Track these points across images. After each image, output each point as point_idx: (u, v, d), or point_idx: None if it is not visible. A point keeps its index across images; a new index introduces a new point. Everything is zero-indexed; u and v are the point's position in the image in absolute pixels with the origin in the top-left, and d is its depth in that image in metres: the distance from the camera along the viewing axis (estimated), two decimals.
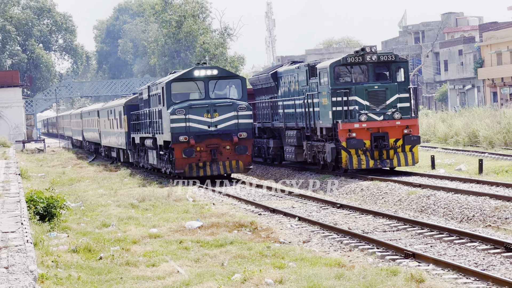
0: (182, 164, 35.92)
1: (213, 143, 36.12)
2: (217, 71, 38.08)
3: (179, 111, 35.92)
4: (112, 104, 56.33)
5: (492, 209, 23.53)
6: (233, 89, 38.05)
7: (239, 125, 36.40)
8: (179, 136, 35.63)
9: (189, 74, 37.81)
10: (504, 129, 49.11)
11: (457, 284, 15.42)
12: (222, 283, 15.78)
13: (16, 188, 30.11)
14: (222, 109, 36.34)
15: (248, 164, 37.02)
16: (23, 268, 14.16)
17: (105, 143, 59.86)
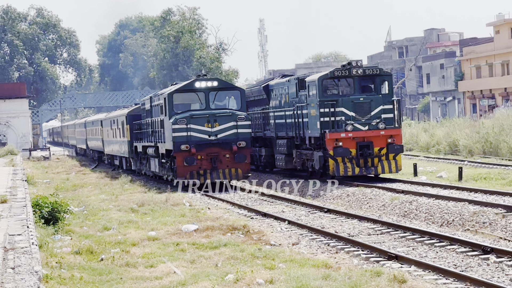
0: (184, 172, 35.46)
1: (213, 152, 35.64)
2: (217, 83, 37.65)
3: (180, 121, 35.39)
4: (115, 114, 55.82)
5: (471, 214, 23.57)
6: (232, 100, 37.58)
7: (238, 134, 35.95)
8: (181, 145, 35.22)
9: (190, 86, 37.41)
10: (482, 139, 49.19)
11: (437, 285, 15.47)
12: (216, 283, 15.80)
13: (23, 193, 30.09)
14: (222, 119, 35.88)
15: (246, 172, 36.51)
16: (28, 269, 14.17)
17: (108, 151, 59.33)
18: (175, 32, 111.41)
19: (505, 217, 22.35)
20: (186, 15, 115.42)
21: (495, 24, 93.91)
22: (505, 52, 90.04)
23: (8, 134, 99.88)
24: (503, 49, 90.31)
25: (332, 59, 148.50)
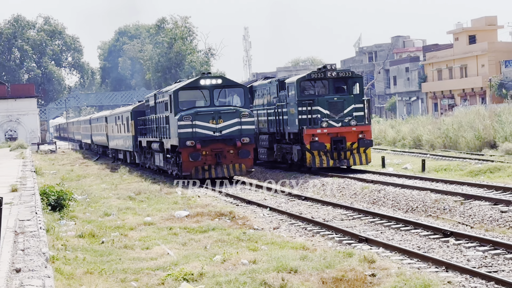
0: (189, 167, 33.34)
1: (218, 148, 33.45)
2: (221, 80, 35.37)
3: (186, 117, 33.26)
4: (120, 111, 54.44)
5: (433, 201, 23.63)
6: (236, 97, 35.50)
7: (242, 131, 33.67)
8: (186, 141, 33.02)
9: (195, 83, 35.24)
10: (443, 134, 49.34)
11: (403, 264, 15.50)
12: (205, 263, 15.77)
13: (32, 183, 30.00)
14: (226, 116, 33.65)
15: (250, 167, 34.50)
16: (37, 251, 14.13)
17: (112, 145, 57.99)
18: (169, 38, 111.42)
19: (463, 204, 22.42)
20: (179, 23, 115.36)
21: (455, 32, 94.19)
22: (463, 57, 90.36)
23: (19, 130, 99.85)
24: (461, 54, 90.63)
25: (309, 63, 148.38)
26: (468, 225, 20.24)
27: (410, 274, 14.23)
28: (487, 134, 45.18)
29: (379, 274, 14.35)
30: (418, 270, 14.92)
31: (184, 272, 14.86)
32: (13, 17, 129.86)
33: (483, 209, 21.36)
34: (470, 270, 14.44)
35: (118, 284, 14.67)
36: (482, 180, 28.79)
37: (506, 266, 15.11)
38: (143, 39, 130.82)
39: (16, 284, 11.38)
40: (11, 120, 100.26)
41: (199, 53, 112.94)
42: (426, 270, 14.90)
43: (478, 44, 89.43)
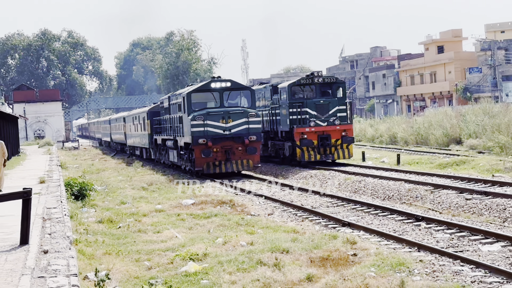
0: (201, 163, 32.09)
1: (227, 145, 32.14)
2: (230, 84, 33.65)
3: (198, 117, 31.94)
4: (137, 112, 53.36)
5: (406, 190, 23.67)
6: (243, 98, 33.82)
7: (249, 129, 32.21)
8: (199, 139, 31.63)
9: (206, 86, 33.71)
10: (415, 132, 49.39)
11: (381, 245, 15.53)
12: (208, 245, 15.79)
13: (57, 175, 29.99)
14: (235, 116, 32.24)
15: (257, 163, 33.02)
16: (62, 234, 14.12)
17: (130, 143, 57.05)
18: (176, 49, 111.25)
19: (433, 192, 22.46)
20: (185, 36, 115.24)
21: (425, 43, 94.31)
22: (432, 65, 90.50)
23: (46, 129, 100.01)
24: (431, 62, 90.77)
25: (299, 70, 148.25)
26: (437, 211, 20.29)
27: (387, 253, 14.26)
28: (454, 131, 45.24)
29: (360, 254, 14.38)
30: (394, 250, 14.96)
31: (190, 253, 14.88)
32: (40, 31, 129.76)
33: (450, 197, 21.41)
34: (439, 250, 14.48)
35: (133, 263, 14.68)
36: (450, 172, 28.84)
37: (470, 246, 15.15)
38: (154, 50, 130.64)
39: (44, 263, 11.38)
40: (39, 121, 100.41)
41: (203, 62, 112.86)
42: (401, 250, 14.93)
43: (445, 54, 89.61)
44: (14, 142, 55.08)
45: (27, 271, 10.75)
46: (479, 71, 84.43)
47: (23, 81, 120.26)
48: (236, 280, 12.61)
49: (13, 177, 29.98)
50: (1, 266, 11.33)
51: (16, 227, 14.27)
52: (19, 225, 13.56)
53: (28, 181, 27.19)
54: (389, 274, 12.55)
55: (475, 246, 15.14)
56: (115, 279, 12.77)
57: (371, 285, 11.76)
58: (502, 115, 42.18)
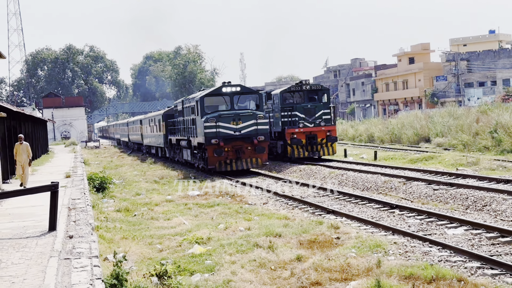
0: (214, 161, 30.53)
1: (238, 145, 30.59)
2: (240, 88, 31.91)
3: (211, 119, 30.28)
4: (152, 115, 51.66)
5: (382, 182, 23.70)
6: (252, 102, 32.16)
7: (258, 130, 30.63)
8: (211, 139, 30.08)
9: (218, 90, 31.89)
10: (390, 132, 49.47)
11: (360, 230, 15.55)
12: (211, 230, 15.79)
13: (81, 170, 29.98)
14: (245, 118, 30.53)
15: (265, 161, 31.34)
16: (85, 222, 14.13)
17: (146, 143, 55.57)
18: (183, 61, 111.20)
19: (405, 184, 22.48)
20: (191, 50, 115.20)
21: (398, 55, 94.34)
22: (404, 74, 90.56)
23: (71, 131, 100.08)
24: (403, 72, 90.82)
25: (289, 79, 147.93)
26: (409, 200, 20.31)
27: (365, 237, 14.27)
28: (423, 131, 45.31)
29: (342, 237, 14.39)
30: (371, 234, 14.97)
31: (196, 237, 14.88)
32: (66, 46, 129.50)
33: (420, 187, 21.44)
34: (410, 233, 14.50)
35: (146, 246, 14.68)
36: (420, 166, 28.90)
37: (437, 230, 15.18)
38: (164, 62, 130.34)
39: (69, 247, 11.38)
40: (65, 124, 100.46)
41: (206, 72, 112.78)
42: (378, 234, 14.95)
43: (415, 64, 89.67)
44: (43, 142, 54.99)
45: (55, 253, 10.74)
46: (444, 79, 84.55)
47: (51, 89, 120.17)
48: (235, 261, 12.61)
49: (43, 172, 29.96)
50: (33, 249, 11.34)
51: (45, 216, 14.27)
52: (47, 214, 13.56)
53: (56, 175, 27.18)
54: (367, 255, 12.56)
55: (441, 230, 15.17)
56: (131, 260, 12.78)
57: (352, 264, 11.77)
58: (465, 117, 42.28)
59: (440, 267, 11.23)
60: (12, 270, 9.68)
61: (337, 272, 11.42)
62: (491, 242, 13.59)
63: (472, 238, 14.02)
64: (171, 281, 10.90)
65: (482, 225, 14.86)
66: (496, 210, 16.99)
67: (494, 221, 15.89)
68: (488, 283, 10.32)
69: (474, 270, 11.42)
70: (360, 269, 11.45)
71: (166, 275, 11.01)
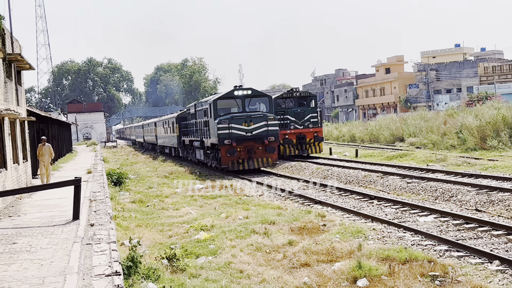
0: (227, 161, 28.64)
1: (249, 145, 28.63)
2: (251, 91, 29.80)
3: (224, 121, 28.29)
4: (166, 117, 49.63)
5: (363, 176, 23.72)
6: (262, 104, 30.16)
7: (268, 131, 28.58)
8: (224, 140, 28.11)
9: (230, 94, 29.66)
10: (369, 133, 49.48)
11: (343, 218, 15.55)
12: (214, 219, 15.80)
13: (101, 167, 29.94)
14: (256, 120, 28.50)
15: (275, 160, 29.55)
16: (104, 212, 14.11)
17: (160, 143, 53.78)
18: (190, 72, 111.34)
19: (382, 178, 22.50)
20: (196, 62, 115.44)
21: (376, 65, 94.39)
22: (382, 82, 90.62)
23: (92, 133, 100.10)
24: (380, 80, 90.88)
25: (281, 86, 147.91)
26: (385, 192, 20.33)
27: (348, 224, 14.28)
28: (398, 132, 45.35)
29: (328, 224, 14.40)
30: (353, 221, 14.98)
31: (201, 225, 14.87)
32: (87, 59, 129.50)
33: (396, 181, 21.46)
34: (387, 221, 14.52)
35: (158, 233, 14.67)
36: (395, 162, 28.91)
37: (410, 218, 15.20)
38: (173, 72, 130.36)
39: (91, 233, 11.37)
40: (87, 126, 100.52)
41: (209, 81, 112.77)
42: (359, 221, 14.96)
43: (391, 74, 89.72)
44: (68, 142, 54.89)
45: (78, 239, 10.74)
46: (416, 86, 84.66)
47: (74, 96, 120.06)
48: (235, 245, 12.61)
49: (67, 169, 29.92)
50: (59, 236, 11.33)
51: (69, 207, 14.26)
52: (71, 205, 13.55)
53: (79, 171, 27.14)
54: (350, 239, 12.57)
55: (414, 218, 15.18)
56: (144, 244, 12.76)
57: (337, 248, 11.78)
58: (434, 120, 42.33)
59: (413, 250, 11.25)
60: (41, 254, 9.68)
61: (323, 254, 11.43)
62: (457, 228, 13.62)
63: (441, 225, 14.05)
64: (179, 263, 10.90)
65: (449, 214, 14.89)
66: (461, 200, 17.03)
67: (459, 210, 15.92)
68: (454, 263, 10.34)
69: (442, 252, 11.44)
70: (344, 252, 11.46)
71: (175, 258, 11.01)
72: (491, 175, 20.16)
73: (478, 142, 33.10)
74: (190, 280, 9.99)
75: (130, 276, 9.51)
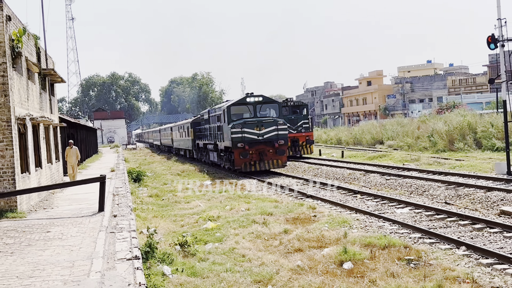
0: (240, 163, 26.87)
1: (261, 148, 26.79)
2: (262, 98, 27.89)
3: (237, 126, 26.56)
4: (181, 123, 47.98)
5: (348, 174, 23.71)
6: (272, 110, 28.08)
7: (278, 135, 26.74)
8: (237, 143, 26.46)
9: (242, 100, 27.90)
10: (353, 136, 49.46)
11: (331, 210, 15.51)
12: (220, 210, 15.77)
13: (123, 166, 29.93)
14: (267, 124, 26.69)
15: (285, 162, 27.31)
16: (125, 204, 14.10)
17: (175, 146, 52.03)
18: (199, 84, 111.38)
19: (365, 175, 22.50)
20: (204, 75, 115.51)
21: (359, 79, 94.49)
22: (364, 93, 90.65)
23: (115, 137, 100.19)
24: (363, 91, 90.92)
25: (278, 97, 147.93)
26: (367, 187, 20.32)
27: (335, 215, 14.27)
28: (378, 136, 45.35)
29: (318, 215, 14.39)
30: (340, 212, 14.97)
31: (208, 216, 14.85)
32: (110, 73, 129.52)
33: (376, 178, 21.47)
34: (369, 212, 14.51)
35: (172, 222, 14.65)
36: (376, 162, 28.90)
37: (389, 210, 15.19)
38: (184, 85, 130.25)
39: (114, 223, 11.36)
40: (111, 131, 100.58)
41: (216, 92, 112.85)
42: (345, 213, 14.95)
43: (372, 86, 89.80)
44: (94, 145, 54.87)
45: (103, 228, 10.73)
46: (394, 97, 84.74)
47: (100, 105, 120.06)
48: (238, 233, 12.60)
49: (94, 168, 29.90)
50: (86, 225, 11.32)
51: (95, 200, 14.26)
52: (97, 199, 13.54)
53: (103, 170, 27.14)
54: (337, 228, 12.56)
55: (392, 209, 15.18)
56: (160, 233, 12.76)
57: (325, 235, 11.77)
58: (409, 125, 42.35)
59: (391, 237, 11.24)
60: (71, 241, 9.67)
61: (314, 241, 11.42)
62: (429, 218, 13.61)
63: (415, 216, 14.04)
64: (190, 249, 10.90)
65: (422, 206, 14.89)
66: (432, 195, 17.03)
67: (431, 203, 15.92)
68: (427, 249, 10.34)
69: (416, 239, 11.43)
70: (331, 239, 11.46)
71: (186, 244, 11.00)
72: (458, 173, 20.17)
73: (447, 144, 33.12)
74: (199, 263, 9.98)
75: (147, 260, 9.52)
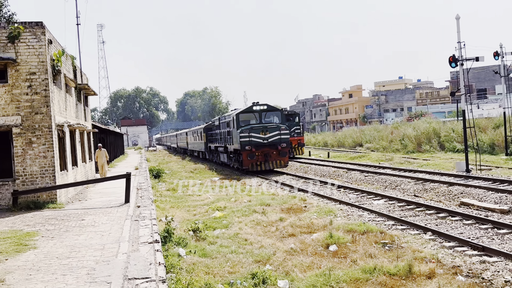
0: (247, 163, 25.84)
1: (266, 150, 25.81)
2: (266, 107, 27.19)
3: (245, 131, 25.74)
4: (195, 128, 46.94)
5: (333, 171, 23.65)
6: (276, 117, 27.27)
7: (281, 139, 25.78)
8: (245, 146, 25.62)
9: (249, 109, 27.19)
10: (337, 140, 49.39)
11: (319, 201, 15.48)
12: (226, 202, 15.75)
13: (145, 165, 29.88)
14: (271, 129, 25.81)
15: (287, 162, 26.34)
16: (147, 197, 14.08)
17: (190, 148, 50.64)
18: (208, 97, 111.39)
19: (347, 172, 22.45)
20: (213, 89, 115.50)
21: (342, 92, 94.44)
22: (346, 104, 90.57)
23: (138, 140, 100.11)
24: (345, 102, 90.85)
25: None
26: (349, 183, 20.28)
27: (322, 205, 14.25)
28: (358, 139, 45.30)
29: (308, 206, 14.37)
30: (326, 204, 14.94)
31: (217, 206, 14.84)
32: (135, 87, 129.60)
33: (357, 175, 21.44)
34: (351, 203, 14.47)
35: (186, 212, 14.63)
36: (356, 161, 28.84)
37: (367, 201, 15.16)
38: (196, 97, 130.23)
39: (137, 213, 11.35)
40: (135, 136, 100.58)
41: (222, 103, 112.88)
42: (330, 204, 14.92)
43: (353, 98, 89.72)
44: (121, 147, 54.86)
45: (129, 217, 10.73)
46: (371, 107, 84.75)
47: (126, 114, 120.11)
48: (241, 221, 12.59)
49: (121, 166, 29.86)
50: (114, 214, 11.31)
51: (122, 194, 14.24)
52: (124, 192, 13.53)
53: (129, 168, 27.09)
54: (324, 217, 12.55)
55: (370, 201, 15.15)
56: (176, 221, 12.74)
57: (314, 223, 11.76)
58: (384, 131, 42.31)
59: (369, 224, 11.23)
60: (102, 228, 9.67)
61: (305, 228, 11.41)
62: (401, 208, 13.59)
63: (389, 206, 14.02)
64: (201, 234, 10.89)
65: (395, 198, 14.87)
66: (404, 189, 17.01)
67: (402, 195, 15.89)
68: (399, 234, 10.33)
69: (390, 226, 11.42)
70: (319, 226, 11.45)
71: (198, 230, 11.00)
72: (425, 171, 20.16)
73: (416, 147, 33.12)
74: (209, 246, 9.98)
75: (166, 243, 9.53)
